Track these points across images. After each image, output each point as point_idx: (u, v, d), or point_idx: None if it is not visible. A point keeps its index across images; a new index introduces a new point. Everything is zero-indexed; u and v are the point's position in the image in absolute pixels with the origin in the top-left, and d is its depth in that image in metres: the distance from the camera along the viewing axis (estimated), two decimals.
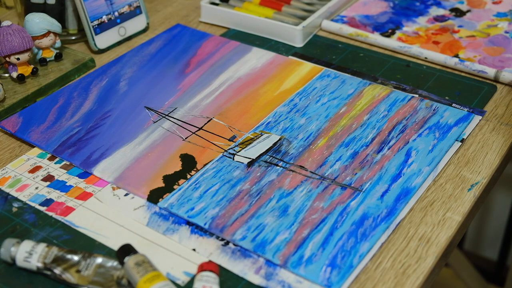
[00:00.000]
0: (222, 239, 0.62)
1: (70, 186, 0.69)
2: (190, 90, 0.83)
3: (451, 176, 0.69)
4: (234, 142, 0.74)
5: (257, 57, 0.90)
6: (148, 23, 0.98)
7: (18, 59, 0.83)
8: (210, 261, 0.58)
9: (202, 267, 0.57)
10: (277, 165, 0.70)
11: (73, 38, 0.95)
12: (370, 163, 0.70)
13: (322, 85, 0.83)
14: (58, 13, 0.93)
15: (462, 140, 0.73)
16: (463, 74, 0.86)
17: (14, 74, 0.84)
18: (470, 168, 0.70)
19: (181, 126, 0.77)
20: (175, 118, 0.78)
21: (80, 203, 0.67)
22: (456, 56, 0.88)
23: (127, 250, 0.58)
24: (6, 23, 0.82)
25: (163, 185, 0.68)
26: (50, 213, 0.65)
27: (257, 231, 0.62)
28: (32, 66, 0.85)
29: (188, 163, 0.71)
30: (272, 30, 0.95)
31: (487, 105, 0.79)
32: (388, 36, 0.94)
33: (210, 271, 0.56)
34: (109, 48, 0.94)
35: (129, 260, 0.56)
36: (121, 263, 0.57)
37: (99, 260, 0.58)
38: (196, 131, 0.76)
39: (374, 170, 0.69)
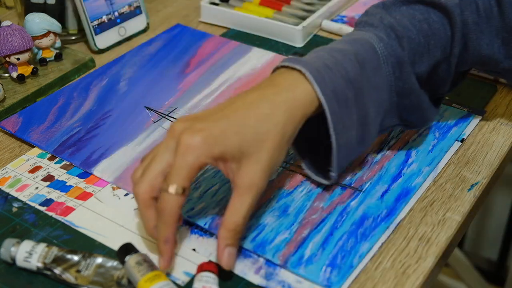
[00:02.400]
0: None
1: (70, 186, 0.69)
2: (190, 90, 0.83)
3: (451, 176, 0.69)
4: None
5: (257, 57, 0.90)
6: (148, 23, 0.98)
7: (18, 59, 0.83)
8: (210, 261, 0.58)
9: (202, 267, 0.57)
10: None
11: (73, 38, 0.95)
12: (370, 163, 0.70)
13: None
14: (58, 13, 0.93)
15: (462, 140, 0.73)
16: None
17: (14, 74, 0.84)
18: (470, 168, 0.70)
19: None
20: (175, 118, 0.78)
21: (80, 203, 0.67)
22: None
23: (127, 249, 0.58)
24: (6, 23, 0.82)
25: None
26: (50, 213, 0.65)
27: (257, 231, 0.62)
28: (32, 66, 0.85)
29: None
30: (272, 30, 0.95)
31: (487, 105, 0.79)
32: None
33: (210, 271, 0.56)
34: (109, 48, 0.94)
35: (130, 259, 0.56)
36: (122, 262, 0.57)
37: (99, 260, 0.58)
38: None
39: (374, 170, 0.69)
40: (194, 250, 0.61)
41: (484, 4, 0.65)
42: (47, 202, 0.67)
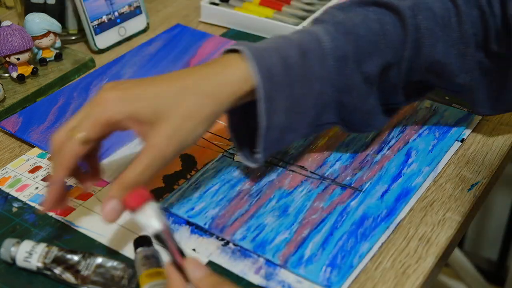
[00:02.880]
0: (222, 239, 0.62)
1: (70, 186, 0.69)
2: None
3: (451, 176, 0.69)
4: None
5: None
6: (148, 23, 0.98)
7: (18, 59, 0.83)
8: (135, 192, 0.53)
9: (138, 202, 0.51)
10: (277, 165, 0.70)
11: (73, 38, 0.95)
12: (370, 163, 0.70)
13: None
14: (58, 13, 0.93)
15: (462, 140, 0.73)
16: None
17: (14, 74, 0.84)
18: (470, 168, 0.70)
19: None
20: None
21: (80, 203, 0.67)
22: None
23: (143, 241, 0.58)
24: (6, 23, 0.82)
25: (163, 185, 0.68)
26: (50, 213, 0.65)
27: (257, 231, 0.62)
28: (32, 66, 0.85)
29: (188, 163, 0.71)
30: (272, 30, 0.95)
31: None
32: None
33: (148, 201, 0.52)
34: (109, 48, 0.94)
35: (140, 252, 0.57)
36: (135, 251, 0.58)
37: (99, 260, 0.58)
38: None
39: (374, 170, 0.69)
40: (194, 250, 0.61)
41: (441, 12, 0.64)
42: None
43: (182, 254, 0.50)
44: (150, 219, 0.51)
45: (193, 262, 0.49)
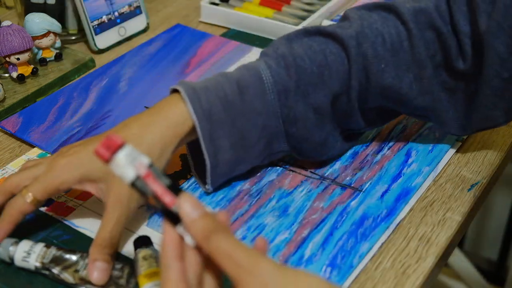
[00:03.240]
0: None
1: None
2: None
3: (451, 176, 0.69)
4: None
5: (257, 57, 0.89)
6: (148, 23, 0.98)
7: (18, 59, 0.83)
8: (103, 143, 0.45)
9: (106, 155, 0.45)
10: (277, 165, 0.70)
11: (73, 38, 0.95)
12: (370, 163, 0.70)
13: None
14: (58, 13, 0.93)
15: (462, 140, 0.73)
16: None
17: (14, 74, 0.84)
18: (470, 168, 0.70)
19: None
20: None
21: (80, 203, 0.67)
22: None
23: (142, 241, 0.58)
24: (6, 23, 0.82)
25: None
26: (50, 213, 0.65)
27: (257, 231, 0.62)
28: (32, 66, 0.85)
29: (188, 163, 0.70)
30: (272, 30, 0.95)
31: None
32: None
33: (119, 149, 0.45)
34: (109, 48, 0.94)
35: (140, 252, 0.57)
36: (135, 251, 0.58)
37: None
38: None
39: (374, 170, 0.69)
40: None
41: (391, 37, 0.63)
42: (47, 202, 0.67)
43: (176, 191, 0.44)
44: (122, 169, 0.45)
45: (188, 199, 0.44)
